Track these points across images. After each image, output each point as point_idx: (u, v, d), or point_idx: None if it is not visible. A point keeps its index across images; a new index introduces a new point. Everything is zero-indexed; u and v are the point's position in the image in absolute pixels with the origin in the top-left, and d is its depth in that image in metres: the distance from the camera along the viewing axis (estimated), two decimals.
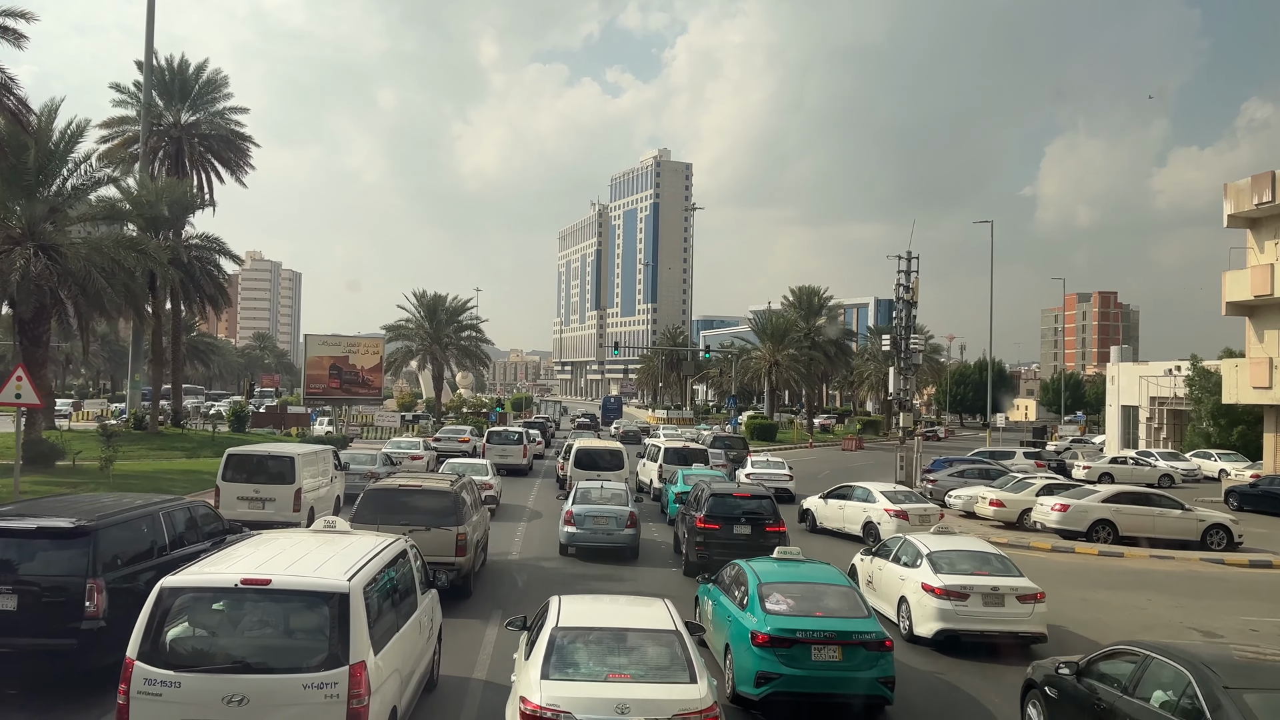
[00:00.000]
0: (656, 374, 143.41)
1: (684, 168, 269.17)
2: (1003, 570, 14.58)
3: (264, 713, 7.42)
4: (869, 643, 10.90)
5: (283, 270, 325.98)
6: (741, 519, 19.15)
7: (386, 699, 8.17)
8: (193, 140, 50.15)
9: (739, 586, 12.25)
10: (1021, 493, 28.63)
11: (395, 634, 8.85)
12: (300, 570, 8.26)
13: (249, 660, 7.68)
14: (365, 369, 52.47)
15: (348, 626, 7.72)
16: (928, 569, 14.48)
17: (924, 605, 14.17)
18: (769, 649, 10.80)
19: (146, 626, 7.61)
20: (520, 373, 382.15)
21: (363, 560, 8.67)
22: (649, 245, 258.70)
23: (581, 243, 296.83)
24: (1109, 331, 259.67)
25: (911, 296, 36.60)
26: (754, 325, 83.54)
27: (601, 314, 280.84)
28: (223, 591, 7.97)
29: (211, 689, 7.39)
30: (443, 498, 16.74)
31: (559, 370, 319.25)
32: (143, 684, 7.41)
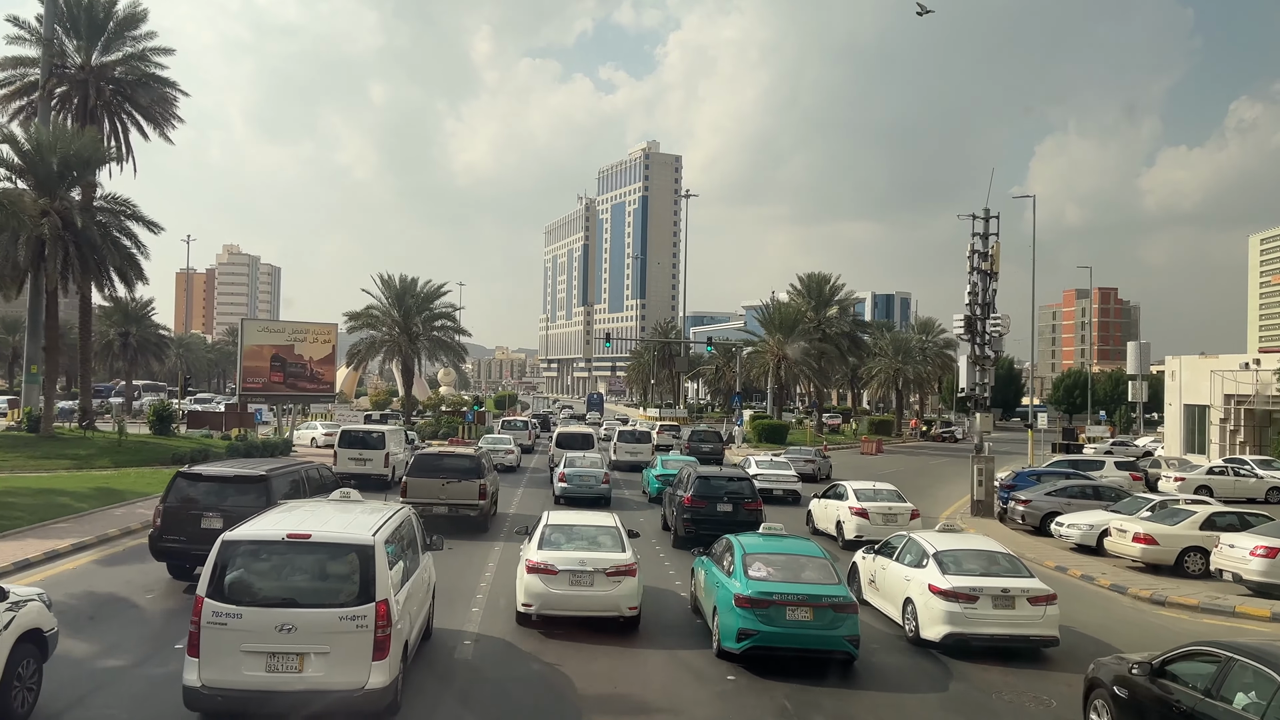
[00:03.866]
0: (647, 370, 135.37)
1: (673, 160, 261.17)
2: (1012, 570, 14.14)
3: (308, 639, 9.21)
4: (837, 605, 12.43)
5: (261, 264, 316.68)
6: (724, 498, 21.81)
7: (401, 632, 10.01)
8: (103, 86, 41.83)
9: (727, 557, 13.81)
10: (1179, 524, 20.81)
11: (406, 582, 10.79)
12: (333, 528, 10.27)
13: (295, 597, 9.49)
14: (314, 361, 44.32)
15: (373, 571, 9.56)
16: (934, 569, 14.03)
17: (931, 608, 13.67)
18: (749, 609, 12.37)
19: (212, 571, 9.39)
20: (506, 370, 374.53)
21: (381, 521, 10.64)
22: (637, 239, 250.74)
23: (568, 237, 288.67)
24: (1110, 329, 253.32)
25: (991, 266, 28.79)
26: (760, 316, 75.57)
27: (589, 310, 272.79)
28: (272, 544, 9.84)
29: (266, 620, 9.18)
30: (470, 460, 23.73)
31: (545, 368, 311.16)
32: (211, 616, 9.16)
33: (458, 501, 22.36)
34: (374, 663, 9.35)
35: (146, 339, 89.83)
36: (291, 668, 9.20)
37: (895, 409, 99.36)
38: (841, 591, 12.67)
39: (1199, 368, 53.26)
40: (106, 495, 24.86)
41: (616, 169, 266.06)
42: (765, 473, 32.09)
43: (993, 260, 28.66)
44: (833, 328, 74.16)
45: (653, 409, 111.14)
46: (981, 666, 13.21)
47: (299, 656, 9.21)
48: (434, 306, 63.87)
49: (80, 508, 22.62)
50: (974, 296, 28.97)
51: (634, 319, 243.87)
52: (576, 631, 13.66)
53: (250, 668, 9.14)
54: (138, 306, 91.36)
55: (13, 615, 9.52)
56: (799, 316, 71.36)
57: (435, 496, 22.26)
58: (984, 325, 28.78)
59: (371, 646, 9.35)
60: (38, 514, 21.40)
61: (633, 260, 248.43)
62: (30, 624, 9.75)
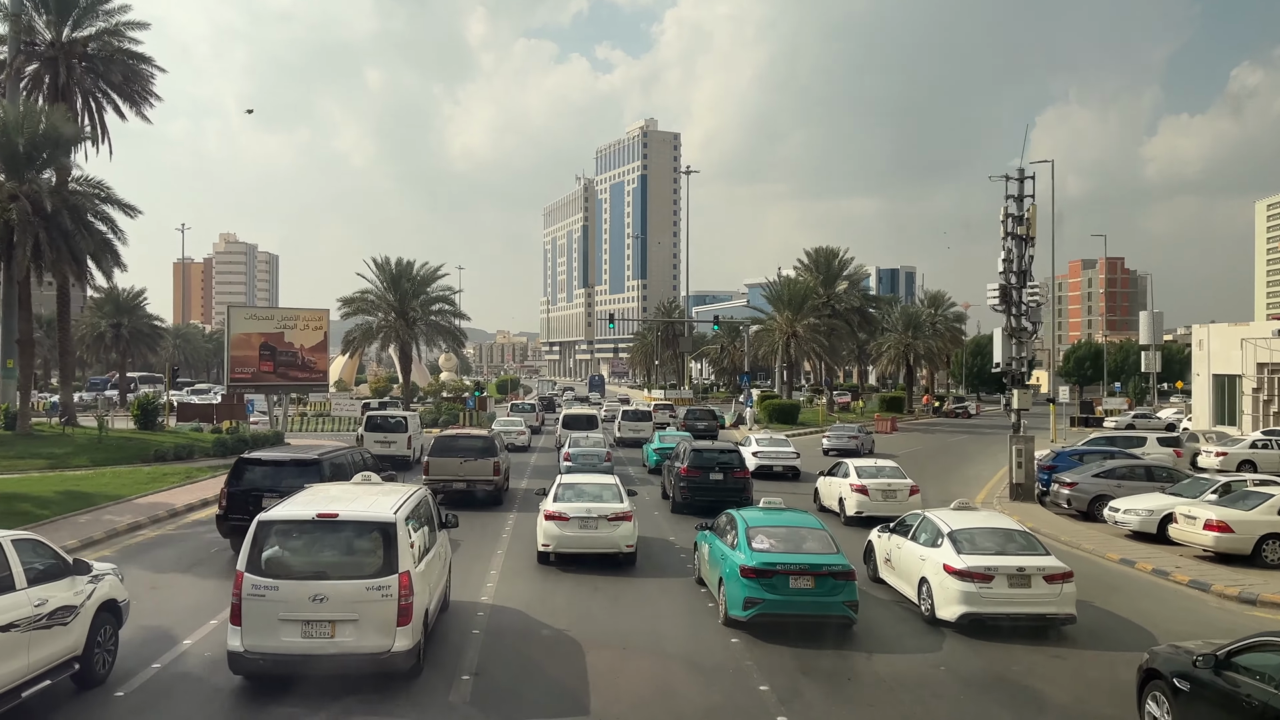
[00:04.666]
0: (651, 351, 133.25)
1: (672, 138, 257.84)
2: (1028, 548, 14.03)
3: (339, 608, 10.02)
4: (837, 573, 13.12)
5: (259, 253, 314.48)
6: (715, 467, 24.00)
7: (421, 601, 10.78)
8: (75, 63, 39.58)
9: (730, 531, 14.51)
10: (1255, 509, 18.75)
11: (425, 556, 11.58)
12: (358, 507, 11.11)
13: (326, 571, 10.32)
14: (306, 348, 42.17)
15: (395, 546, 10.40)
16: (949, 549, 13.90)
17: (946, 587, 13.53)
18: (755, 579, 13.06)
19: (250, 548, 10.26)
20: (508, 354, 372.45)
21: (401, 500, 11.53)
22: (637, 219, 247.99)
23: (567, 219, 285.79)
24: (1117, 299, 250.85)
25: (1027, 230, 26.63)
26: (767, 293, 73.28)
27: (589, 292, 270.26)
28: (303, 523, 10.74)
29: (300, 591, 10.03)
30: (485, 440, 26.20)
31: (547, 351, 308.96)
32: (250, 589, 10.02)
33: (475, 478, 24.58)
34: (398, 628, 10.20)
35: (139, 330, 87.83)
36: (324, 634, 10.06)
37: (906, 385, 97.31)
38: (840, 560, 13.38)
39: (1229, 336, 51.08)
40: (74, 500, 22.86)
41: (614, 148, 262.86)
42: (765, 449, 33.49)
43: (1029, 224, 26.50)
44: (842, 303, 71.95)
45: (657, 390, 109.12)
46: (1026, 647, 13.04)
47: (330, 624, 10.06)
48: (431, 290, 61.62)
49: (41, 515, 20.61)
50: (1008, 264, 26.82)
51: (635, 300, 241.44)
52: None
53: (287, 634, 10.01)
54: (129, 296, 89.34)
55: (94, 587, 10.62)
56: (808, 292, 69.13)
57: (454, 474, 24.56)
58: (1021, 294, 26.65)
59: (396, 614, 10.18)
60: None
61: (633, 240, 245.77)
62: (108, 595, 10.86)
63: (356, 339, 61.19)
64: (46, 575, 9.92)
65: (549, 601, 14.76)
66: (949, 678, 11.73)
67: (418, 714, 10.00)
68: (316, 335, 42.83)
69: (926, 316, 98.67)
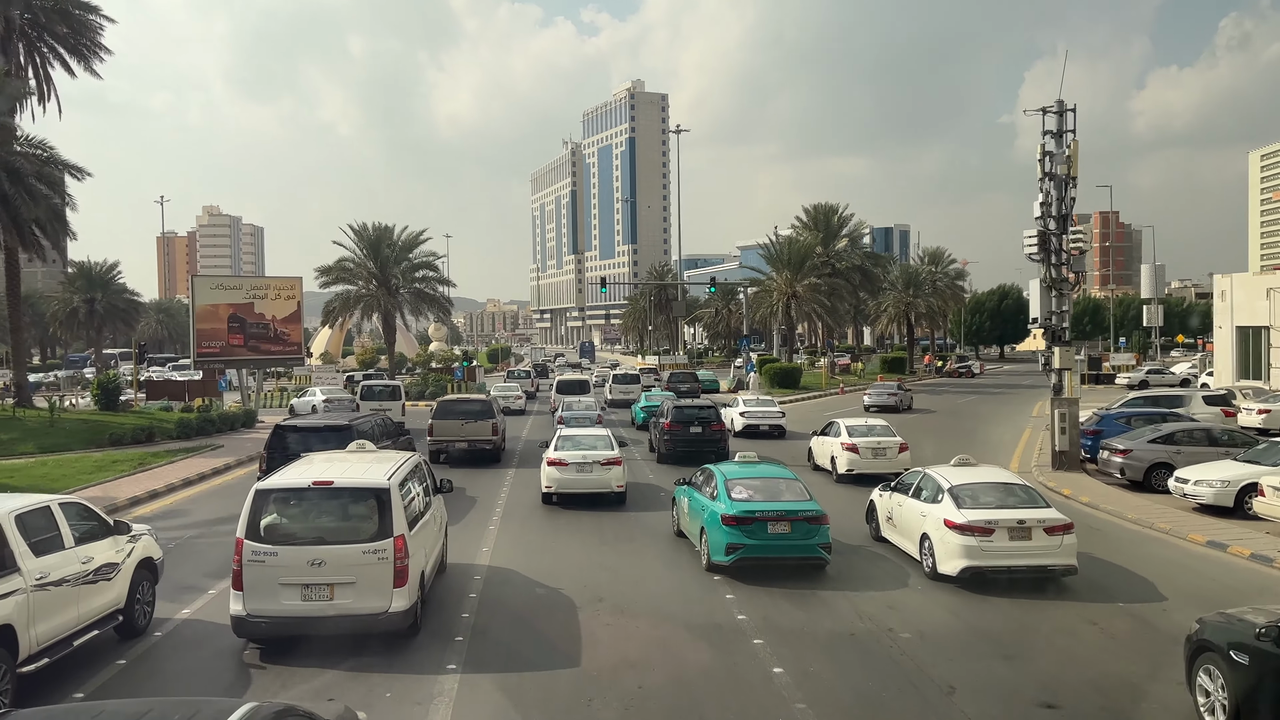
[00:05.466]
0: (644, 317, 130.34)
1: (660, 99, 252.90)
2: (1028, 502, 14.08)
3: (336, 571, 10.31)
4: (810, 518, 14.06)
5: (244, 225, 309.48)
6: (695, 422, 27.07)
7: (417, 564, 11.12)
8: (14, 15, 36.31)
9: (709, 484, 15.42)
10: None
11: (420, 521, 11.82)
12: (352, 474, 11.37)
13: (324, 536, 10.65)
14: (278, 319, 39.33)
15: (389, 511, 10.66)
16: (950, 504, 13.97)
17: (947, 542, 13.58)
18: (735, 526, 13.92)
19: (249, 516, 10.53)
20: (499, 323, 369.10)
21: (395, 467, 11.74)
22: (626, 183, 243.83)
23: (555, 184, 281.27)
24: (1111, 254, 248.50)
25: (1069, 170, 23.87)
26: (766, 252, 70.48)
27: (579, 258, 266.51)
28: (300, 490, 11.05)
29: (299, 556, 10.33)
30: (483, 404, 28.41)
31: (538, 319, 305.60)
32: (251, 554, 10.32)
33: (475, 438, 26.37)
34: (395, 590, 10.47)
35: (114, 304, 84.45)
36: (323, 596, 10.33)
37: (906, 345, 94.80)
38: (814, 506, 14.27)
39: (1254, 286, 48.45)
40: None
41: (602, 111, 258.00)
42: (753, 409, 34.81)
43: (1071, 162, 23.74)
44: (843, 261, 69.31)
45: (651, 355, 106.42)
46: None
47: (329, 587, 10.33)
48: (413, 256, 58.62)
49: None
50: (1046, 208, 24.08)
51: (626, 265, 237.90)
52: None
53: (287, 598, 10.29)
54: (102, 270, 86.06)
55: (133, 546, 11.29)
56: (808, 251, 66.38)
57: (457, 435, 26.34)
58: (1062, 241, 23.95)
59: (392, 576, 10.46)
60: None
61: (622, 204, 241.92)
62: (145, 553, 11.58)
63: (336, 309, 58.26)
64: (91, 535, 10.65)
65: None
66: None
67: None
68: (289, 305, 39.98)
69: (927, 274, 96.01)
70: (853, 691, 9.75)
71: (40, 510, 10.07)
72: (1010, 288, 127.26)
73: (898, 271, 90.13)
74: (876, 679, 10.03)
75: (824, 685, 9.85)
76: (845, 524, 17.04)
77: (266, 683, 9.82)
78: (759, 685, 9.85)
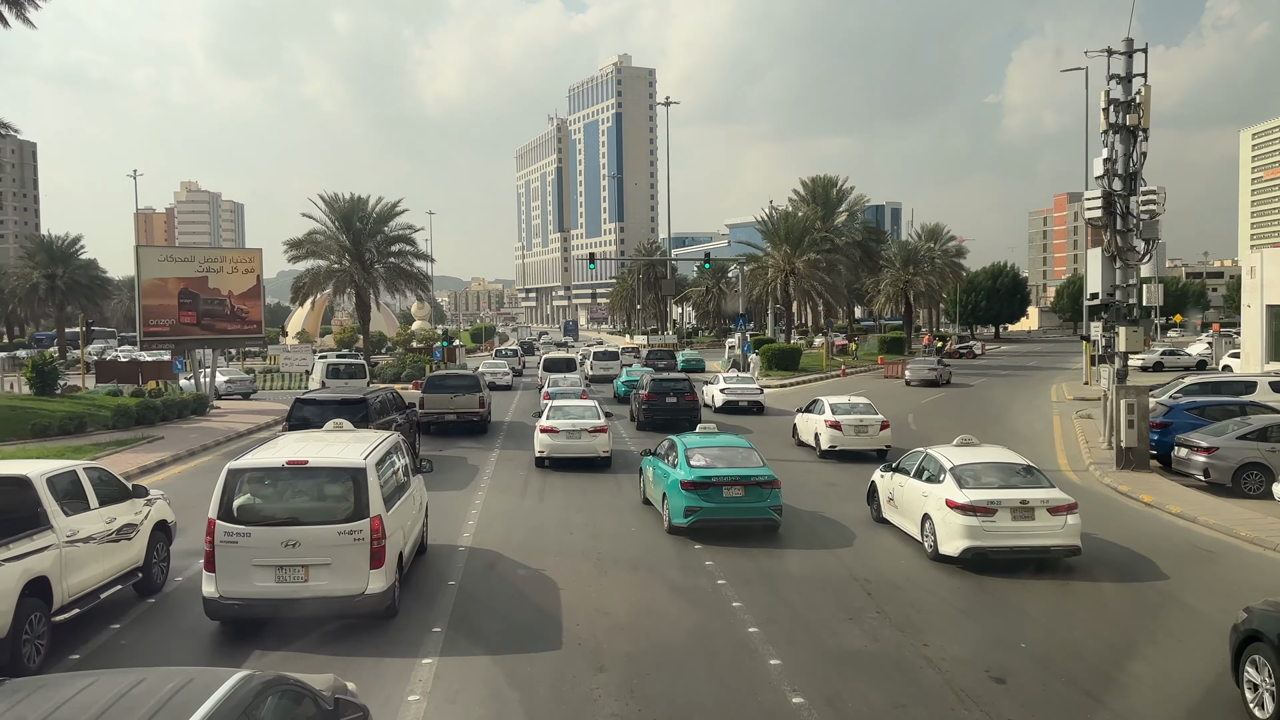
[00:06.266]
0: (631, 295, 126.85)
1: (647, 74, 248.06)
2: (1032, 482, 13.89)
3: (312, 552, 10.14)
4: (762, 483, 15.09)
5: (223, 201, 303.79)
6: (670, 394, 29.74)
7: (395, 545, 10.87)
8: None
9: (671, 453, 16.42)
10: None
11: (397, 501, 11.57)
12: (329, 454, 11.08)
13: (298, 516, 10.45)
14: (235, 295, 35.62)
15: (366, 491, 10.47)
16: (951, 484, 13.79)
17: (949, 523, 13.46)
18: (693, 490, 14.93)
19: (222, 496, 10.31)
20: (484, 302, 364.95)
21: (372, 446, 11.47)
22: (612, 159, 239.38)
23: (540, 161, 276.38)
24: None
25: (1139, 119, 20.50)
26: (763, 227, 66.96)
27: (565, 236, 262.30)
28: (273, 470, 10.84)
29: (273, 537, 10.14)
30: (471, 379, 30.08)
31: (523, 297, 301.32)
32: (223, 535, 10.11)
33: (463, 410, 28.24)
34: (371, 571, 10.33)
35: (77, 280, 79.98)
36: (298, 578, 10.19)
37: (905, 325, 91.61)
38: (766, 472, 15.39)
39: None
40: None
41: (588, 85, 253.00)
42: (732, 386, 36.15)
43: (1141, 112, 20.37)
44: (843, 237, 65.75)
45: (640, 335, 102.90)
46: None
47: (304, 568, 10.19)
48: (389, 229, 54.95)
49: None
50: (1111, 165, 20.72)
51: (612, 243, 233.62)
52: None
53: (261, 579, 10.15)
54: (64, 244, 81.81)
55: (150, 509, 12.16)
56: (807, 225, 62.89)
57: (446, 408, 28.03)
58: (1129, 204, 20.59)
59: (368, 557, 10.33)
60: None
61: (609, 181, 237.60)
62: (160, 515, 12.46)
63: (306, 285, 54.51)
64: (112, 498, 11.34)
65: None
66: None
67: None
68: (248, 280, 36.29)
69: (925, 251, 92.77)
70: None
71: (67, 473, 10.87)
72: (1005, 266, 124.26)
73: (895, 248, 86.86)
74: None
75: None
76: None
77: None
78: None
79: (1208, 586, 12.66)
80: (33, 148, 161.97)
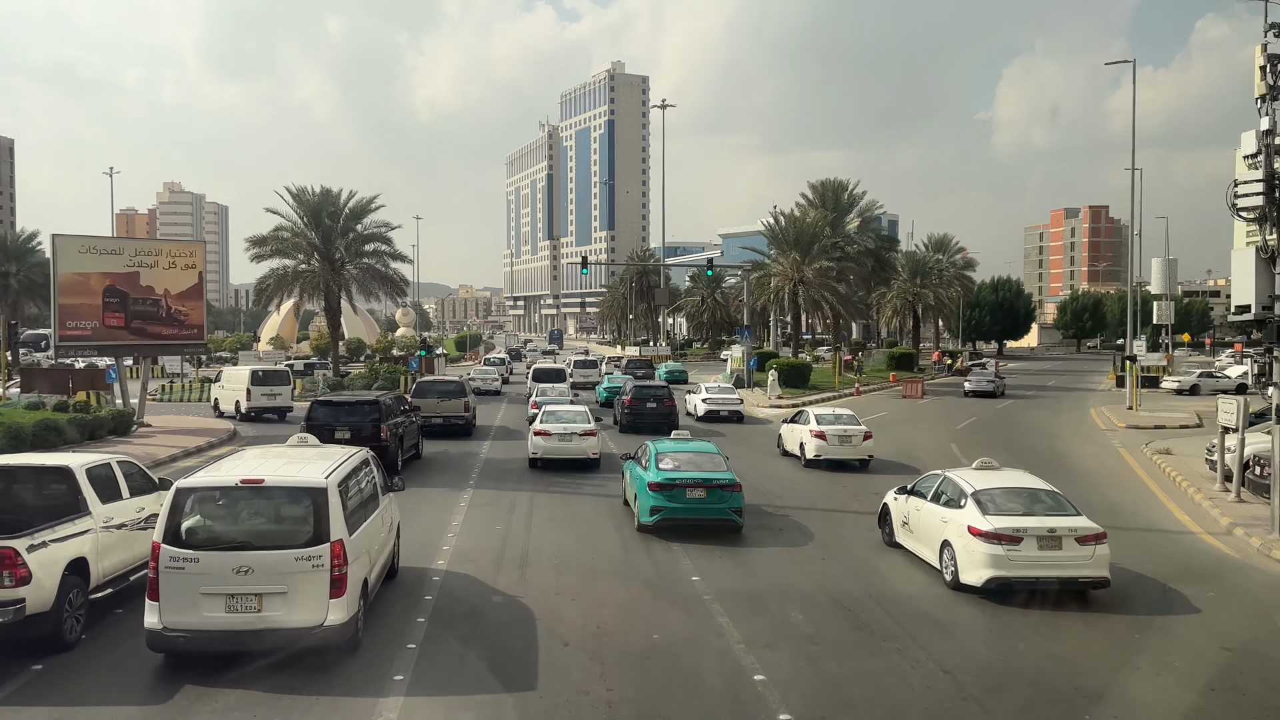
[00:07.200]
0: (623, 304, 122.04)
1: (640, 81, 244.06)
2: (1057, 508, 13.20)
3: (265, 580, 9.29)
4: (724, 486, 16.09)
5: (206, 203, 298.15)
6: (650, 399, 32.15)
7: (359, 571, 10.09)
8: None
9: (645, 456, 17.38)
10: None
11: (363, 523, 10.78)
12: (287, 472, 10.30)
13: (251, 540, 9.65)
14: (172, 294, 30.62)
15: (327, 513, 9.63)
16: (974, 509, 13.16)
17: (971, 551, 12.82)
18: (659, 491, 15.91)
19: (168, 518, 9.51)
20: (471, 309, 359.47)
21: (336, 464, 10.62)
22: (604, 166, 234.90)
23: (531, 167, 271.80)
24: (1100, 249, 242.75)
25: None
26: (770, 231, 62.26)
27: (555, 244, 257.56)
28: (226, 490, 10.02)
29: (223, 563, 9.32)
30: (456, 384, 32.33)
31: (511, 305, 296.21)
32: (169, 560, 9.30)
33: (449, 414, 29.98)
34: (331, 600, 9.50)
35: (33, 279, 74.63)
36: (250, 608, 9.36)
37: (913, 340, 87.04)
38: (728, 476, 16.33)
39: None
40: None
41: (580, 92, 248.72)
42: (713, 396, 37.16)
43: None
44: (854, 245, 60.99)
45: (632, 346, 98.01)
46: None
47: (257, 597, 9.37)
48: (363, 226, 49.91)
49: None
50: (1269, 141, 15.99)
51: (603, 252, 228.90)
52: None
53: (210, 609, 9.32)
54: (20, 241, 76.71)
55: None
56: (818, 230, 58.21)
57: (433, 411, 29.28)
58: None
59: (328, 585, 9.50)
60: None
61: (600, 187, 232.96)
62: None
63: (270, 287, 49.38)
64: (141, 490, 12.17)
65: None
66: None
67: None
68: (188, 277, 31.30)
69: (933, 262, 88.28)
70: None
71: (103, 465, 11.76)
72: (1007, 280, 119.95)
73: (903, 259, 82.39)
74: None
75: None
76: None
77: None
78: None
79: None
80: (9, 144, 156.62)
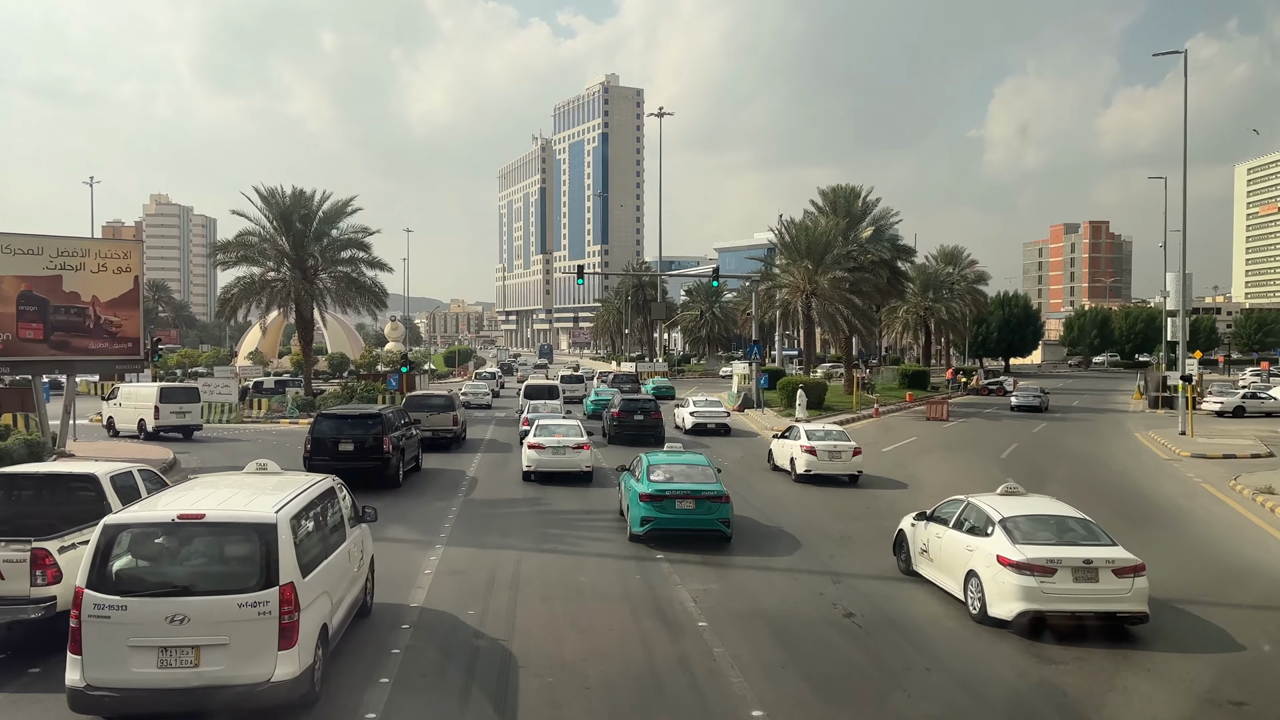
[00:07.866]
0: (618, 318, 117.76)
1: (634, 94, 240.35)
2: (1091, 538, 12.23)
3: (204, 629, 8.12)
4: (712, 497, 16.60)
5: (194, 215, 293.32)
6: (638, 411, 32.96)
7: (316, 616, 8.98)
8: None
9: (638, 468, 17.99)
10: None
11: (324, 560, 9.62)
12: (233, 506, 9.06)
13: (189, 585, 8.42)
14: (102, 302, 26.24)
15: (276, 553, 8.45)
16: (1002, 538, 12.25)
17: (1001, 582, 11.86)
18: (649, 502, 16.47)
19: (93, 559, 8.28)
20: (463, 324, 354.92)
21: (290, 496, 9.40)
22: (598, 180, 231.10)
23: (524, 181, 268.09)
24: (1100, 265, 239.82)
25: None
26: (780, 239, 58.04)
27: (548, 258, 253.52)
28: (161, 526, 8.71)
29: (155, 610, 8.10)
30: (446, 398, 33.16)
31: (503, 320, 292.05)
32: (92, 609, 8.05)
33: (438, 428, 31.08)
34: (280, 652, 8.42)
35: None
36: (186, 662, 8.25)
37: (924, 357, 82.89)
38: (716, 488, 16.83)
39: None
40: None
41: (574, 105, 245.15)
42: (701, 410, 37.95)
43: None
44: (868, 255, 56.70)
45: (627, 362, 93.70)
46: None
47: (194, 650, 8.26)
48: (338, 231, 45.60)
49: None
50: None
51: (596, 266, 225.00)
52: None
53: (139, 664, 8.15)
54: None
55: None
56: (830, 240, 54.02)
57: (422, 425, 29.00)
58: None
59: (277, 634, 8.41)
60: None
61: (594, 200, 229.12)
62: None
63: (234, 298, 44.88)
64: None
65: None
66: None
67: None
68: (122, 282, 26.84)
69: (945, 276, 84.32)
70: None
71: (126, 473, 12.70)
72: (1014, 296, 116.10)
73: (914, 273, 78.27)
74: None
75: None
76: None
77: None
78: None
79: None
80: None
